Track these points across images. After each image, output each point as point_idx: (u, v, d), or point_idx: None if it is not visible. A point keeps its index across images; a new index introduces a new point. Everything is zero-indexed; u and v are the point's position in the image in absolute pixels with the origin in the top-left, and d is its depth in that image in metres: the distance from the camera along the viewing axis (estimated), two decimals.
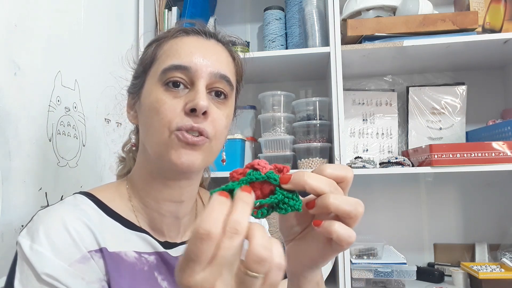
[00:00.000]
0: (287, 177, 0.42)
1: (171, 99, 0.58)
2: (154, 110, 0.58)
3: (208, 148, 0.58)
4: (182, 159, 0.56)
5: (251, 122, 1.58)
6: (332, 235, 0.41)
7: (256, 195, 0.40)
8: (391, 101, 1.57)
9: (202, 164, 0.59)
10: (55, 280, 0.50)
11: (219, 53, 0.63)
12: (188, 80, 0.59)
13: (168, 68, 0.58)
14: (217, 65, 0.60)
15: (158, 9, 1.48)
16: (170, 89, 0.58)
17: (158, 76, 0.59)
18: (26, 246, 0.52)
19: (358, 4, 1.41)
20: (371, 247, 1.34)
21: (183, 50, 0.60)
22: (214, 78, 0.59)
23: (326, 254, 0.45)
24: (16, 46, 0.74)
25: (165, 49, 0.62)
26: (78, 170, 0.93)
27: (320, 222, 0.42)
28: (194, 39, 0.62)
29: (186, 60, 0.58)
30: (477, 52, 1.37)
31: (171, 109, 0.57)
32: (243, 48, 1.47)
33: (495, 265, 1.32)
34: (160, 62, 0.61)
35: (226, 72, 0.61)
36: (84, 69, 0.99)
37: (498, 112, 1.53)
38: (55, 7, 0.87)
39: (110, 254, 0.56)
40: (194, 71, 0.58)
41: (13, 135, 0.72)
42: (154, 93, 0.59)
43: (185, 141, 0.56)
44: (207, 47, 0.62)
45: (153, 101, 0.58)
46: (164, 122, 0.57)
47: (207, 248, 0.34)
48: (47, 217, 0.55)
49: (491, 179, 1.51)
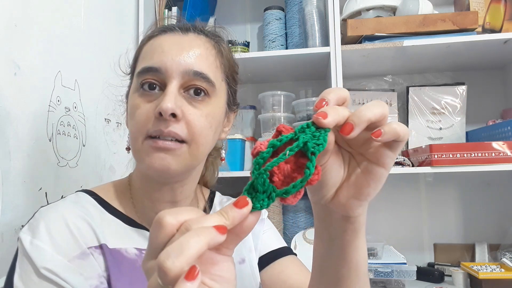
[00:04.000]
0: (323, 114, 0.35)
1: (145, 103, 0.56)
2: (131, 115, 0.58)
3: (187, 152, 0.56)
4: (156, 164, 0.54)
5: (251, 122, 1.58)
6: (399, 134, 0.36)
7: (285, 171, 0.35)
8: (391, 101, 1.57)
9: (181, 167, 0.56)
10: (55, 275, 0.50)
11: (196, 48, 0.58)
12: (161, 82, 0.56)
13: (140, 71, 0.57)
14: (191, 62, 0.56)
15: (158, 9, 1.48)
16: (146, 92, 0.56)
17: (135, 80, 0.59)
18: (26, 241, 0.52)
19: (358, 4, 1.41)
20: (371, 247, 1.34)
21: (156, 50, 0.58)
22: (188, 76, 0.56)
23: (381, 171, 0.39)
24: (16, 46, 0.74)
25: (144, 50, 0.61)
26: (78, 170, 0.93)
27: (380, 131, 0.36)
28: (169, 37, 0.59)
29: (156, 61, 0.56)
30: (477, 52, 1.37)
31: (144, 114, 0.55)
32: (242, 48, 1.48)
33: (495, 265, 1.32)
34: (138, 65, 0.60)
35: (202, 68, 0.57)
36: (84, 69, 0.99)
37: (498, 112, 1.53)
38: (55, 7, 0.87)
39: (111, 250, 0.56)
40: (164, 71, 0.55)
41: (13, 135, 0.72)
42: (132, 98, 0.59)
43: (156, 147, 0.54)
44: (181, 43, 0.58)
45: (131, 106, 0.58)
46: (138, 128, 0.56)
47: (160, 236, 0.31)
48: (48, 214, 0.55)
49: (491, 179, 1.51)
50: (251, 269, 0.69)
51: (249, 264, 0.69)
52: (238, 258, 0.68)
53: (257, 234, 0.73)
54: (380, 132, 0.36)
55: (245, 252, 0.70)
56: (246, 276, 0.68)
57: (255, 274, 0.69)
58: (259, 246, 0.72)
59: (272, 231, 0.76)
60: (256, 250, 0.71)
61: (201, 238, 0.29)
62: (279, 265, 0.70)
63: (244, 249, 0.70)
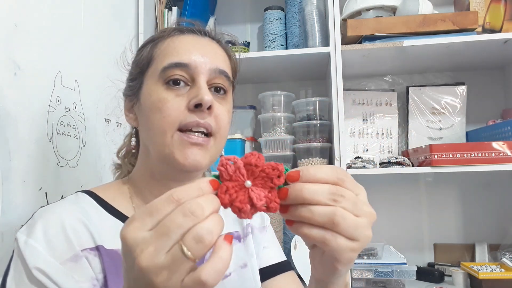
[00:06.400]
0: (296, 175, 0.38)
1: (173, 97, 0.57)
2: (156, 110, 0.58)
3: (213, 145, 0.59)
4: (189, 159, 0.56)
5: (251, 122, 1.58)
6: (301, 235, 0.37)
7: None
8: (391, 101, 1.57)
9: (208, 162, 0.59)
10: (46, 277, 0.50)
11: (215, 50, 0.63)
12: (188, 77, 0.59)
13: (168, 66, 0.58)
14: (215, 61, 0.61)
15: (158, 9, 1.48)
16: (171, 87, 0.58)
17: (157, 75, 0.59)
18: (21, 240, 0.52)
19: (358, 4, 1.41)
20: (371, 247, 1.34)
21: (181, 48, 0.60)
22: (214, 74, 0.60)
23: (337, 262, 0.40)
24: (16, 46, 0.74)
25: (162, 48, 0.62)
26: (78, 170, 0.93)
27: (292, 222, 0.37)
28: (190, 37, 0.63)
29: (185, 58, 0.59)
30: (477, 52, 1.37)
31: (175, 107, 0.57)
32: (243, 48, 1.47)
33: (495, 265, 1.32)
34: (158, 62, 0.61)
35: (224, 67, 0.62)
36: (84, 69, 0.99)
37: (498, 112, 1.53)
38: (55, 7, 0.87)
39: (108, 251, 0.56)
40: (194, 67, 0.58)
41: (13, 135, 0.72)
42: (155, 93, 0.59)
43: (190, 142, 0.56)
44: (203, 44, 0.62)
45: (155, 101, 0.58)
46: (168, 121, 0.56)
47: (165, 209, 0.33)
48: (46, 214, 0.55)
49: (491, 179, 1.51)
50: (253, 274, 0.71)
51: (251, 269, 0.71)
52: (241, 262, 0.70)
53: (259, 242, 0.75)
54: (292, 223, 0.38)
55: (247, 257, 0.71)
56: (247, 280, 0.70)
57: (256, 279, 0.71)
58: (260, 254, 0.74)
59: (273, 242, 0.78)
60: (257, 257, 0.73)
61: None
62: (278, 282, 0.73)
63: (247, 255, 0.71)
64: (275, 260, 0.75)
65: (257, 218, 0.77)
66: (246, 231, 0.73)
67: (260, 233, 0.76)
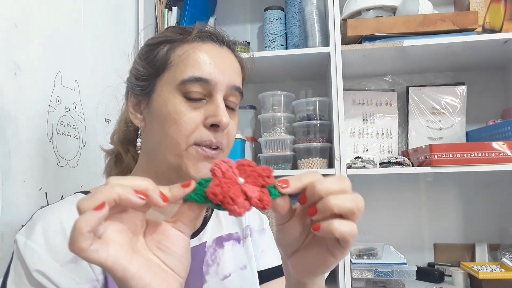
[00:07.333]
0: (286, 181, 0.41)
1: (190, 111, 0.58)
2: (172, 121, 0.57)
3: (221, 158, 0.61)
4: (201, 172, 0.58)
5: (251, 122, 1.58)
6: (334, 233, 0.39)
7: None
8: (391, 101, 1.57)
9: None
10: (46, 279, 0.50)
11: (233, 63, 0.64)
12: (205, 92, 0.59)
13: (188, 80, 0.58)
14: (232, 77, 0.61)
15: (158, 9, 1.48)
16: (189, 100, 0.58)
17: (176, 85, 0.58)
18: (21, 242, 0.52)
19: (358, 4, 1.41)
20: (371, 247, 1.34)
21: (202, 60, 0.59)
22: (230, 90, 0.61)
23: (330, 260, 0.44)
24: (16, 46, 0.74)
25: (181, 55, 0.60)
26: (78, 170, 0.93)
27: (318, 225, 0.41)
28: (210, 47, 0.61)
29: (206, 72, 0.58)
30: (477, 52, 1.37)
31: (191, 122, 0.57)
32: (243, 49, 1.47)
33: (495, 265, 1.32)
34: (177, 70, 0.59)
35: (239, 83, 0.63)
36: (84, 69, 0.99)
37: (498, 112, 1.53)
38: (55, 7, 0.87)
39: None
40: (213, 84, 0.59)
41: (13, 135, 0.72)
42: (171, 103, 0.58)
43: (204, 155, 0.57)
44: (222, 56, 0.62)
45: (171, 111, 0.58)
46: (182, 134, 0.57)
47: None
48: (45, 216, 0.55)
49: (491, 179, 1.51)
50: (252, 276, 0.71)
51: (250, 271, 0.71)
52: (240, 264, 0.70)
53: (258, 244, 0.75)
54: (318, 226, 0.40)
55: (246, 259, 0.72)
56: (247, 281, 0.70)
57: (255, 281, 0.71)
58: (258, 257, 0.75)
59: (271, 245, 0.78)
60: (256, 258, 0.74)
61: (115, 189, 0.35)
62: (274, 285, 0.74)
63: (246, 257, 0.72)
64: (273, 263, 0.76)
65: (255, 220, 0.77)
66: (245, 233, 0.73)
67: (259, 235, 0.76)
